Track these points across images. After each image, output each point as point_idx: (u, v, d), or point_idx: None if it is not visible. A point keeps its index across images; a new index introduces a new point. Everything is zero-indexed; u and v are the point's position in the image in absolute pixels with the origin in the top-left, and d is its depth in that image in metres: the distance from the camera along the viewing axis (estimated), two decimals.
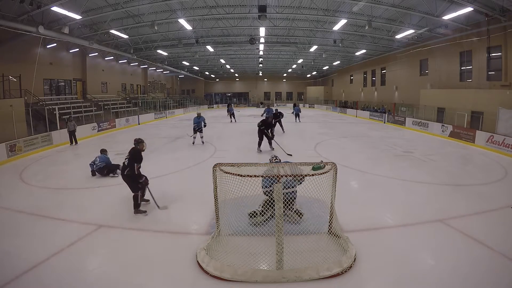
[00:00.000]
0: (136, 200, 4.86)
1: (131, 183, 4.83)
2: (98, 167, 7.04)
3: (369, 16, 13.73)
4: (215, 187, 3.61)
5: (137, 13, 13.91)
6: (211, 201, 3.86)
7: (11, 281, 3.09)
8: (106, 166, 7.10)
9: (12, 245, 3.89)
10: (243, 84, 45.65)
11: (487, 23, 12.36)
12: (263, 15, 12.97)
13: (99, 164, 7.05)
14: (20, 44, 13.77)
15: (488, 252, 3.62)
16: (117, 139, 13.28)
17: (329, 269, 3.17)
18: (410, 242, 3.91)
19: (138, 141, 5.04)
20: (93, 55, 20.92)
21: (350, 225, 4.28)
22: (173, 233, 4.24)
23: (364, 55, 23.74)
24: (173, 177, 7.16)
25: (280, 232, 3.17)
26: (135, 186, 4.83)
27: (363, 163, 8.31)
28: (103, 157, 7.24)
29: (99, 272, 3.33)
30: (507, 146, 9.67)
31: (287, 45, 20.88)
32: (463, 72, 15.40)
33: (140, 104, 24.05)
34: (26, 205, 5.27)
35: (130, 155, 4.81)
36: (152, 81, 32.71)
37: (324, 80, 41.74)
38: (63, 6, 10.87)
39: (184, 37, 18.44)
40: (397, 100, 21.84)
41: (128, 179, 4.82)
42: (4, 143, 9.00)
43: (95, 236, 4.13)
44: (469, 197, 5.64)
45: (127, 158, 4.82)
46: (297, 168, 3.83)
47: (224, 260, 3.32)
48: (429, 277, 3.16)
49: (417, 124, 16.05)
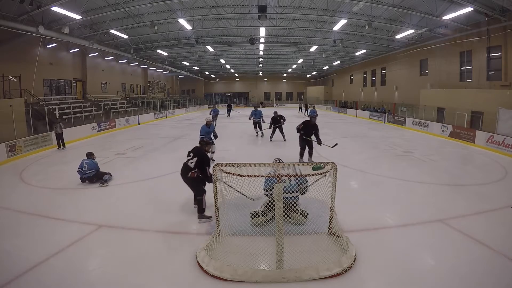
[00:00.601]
0: (201, 204, 4.49)
1: (197, 186, 4.52)
2: (87, 176, 6.43)
3: (369, 16, 13.74)
4: (215, 187, 3.61)
5: (137, 13, 13.91)
6: (211, 201, 3.86)
7: (11, 281, 3.09)
8: (96, 174, 6.50)
9: (12, 245, 3.89)
10: (243, 84, 45.67)
11: (487, 23, 12.36)
12: (263, 15, 12.98)
13: (88, 173, 6.43)
14: (20, 44, 13.77)
15: (488, 252, 3.62)
16: (117, 139, 13.28)
17: (329, 269, 3.17)
18: (410, 242, 3.91)
19: (206, 142, 4.97)
20: (93, 55, 20.92)
21: (350, 225, 4.28)
22: (173, 233, 4.23)
23: (364, 55, 23.75)
24: (173, 177, 7.12)
25: (280, 232, 3.17)
26: (200, 189, 4.52)
27: (363, 163, 8.30)
28: (92, 163, 6.57)
29: (99, 272, 3.33)
30: (507, 146, 9.67)
31: (287, 45, 20.89)
32: (463, 72, 15.40)
33: (140, 104, 24.05)
34: (26, 205, 5.26)
35: (199, 158, 4.48)
36: (152, 81, 32.71)
37: (324, 80, 41.74)
38: (63, 6, 10.88)
39: (184, 37, 18.44)
40: (397, 100, 21.84)
41: (194, 182, 4.50)
42: (4, 143, 9.00)
43: (95, 236, 4.13)
44: (469, 197, 5.64)
45: (195, 161, 4.47)
46: (299, 169, 3.85)
47: (224, 260, 3.31)
48: (429, 277, 3.16)
49: (417, 124, 16.05)
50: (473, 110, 13.17)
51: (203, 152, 4.65)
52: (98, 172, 6.57)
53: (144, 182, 6.74)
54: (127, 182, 6.66)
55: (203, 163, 4.45)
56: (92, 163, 6.59)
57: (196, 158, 4.50)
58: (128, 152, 10.10)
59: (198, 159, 4.48)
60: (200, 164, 4.45)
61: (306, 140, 7.68)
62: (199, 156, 4.52)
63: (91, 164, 6.54)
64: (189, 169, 4.49)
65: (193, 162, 4.49)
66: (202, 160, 4.48)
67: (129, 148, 10.78)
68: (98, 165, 6.72)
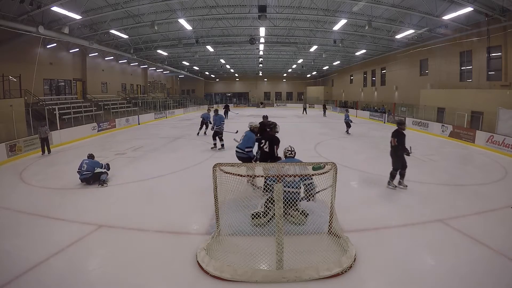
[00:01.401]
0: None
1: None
2: (84, 177, 6.35)
3: (369, 16, 13.74)
4: (215, 187, 3.61)
5: (137, 13, 13.91)
6: (211, 201, 3.86)
7: (11, 281, 3.09)
8: (92, 175, 6.39)
9: (12, 245, 3.89)
10: (243, 84, 45.67)
11: (487, 23, 12.36)
12: (263, 15, 12.98)
13: (85, 174, 6.34)
14: (20, 44, 13.78)
15: (488, 252, 3.62)
16: (117, 139, 13.28)
17: (329, 269, 3.17)
18: (410, 242, 3.91)
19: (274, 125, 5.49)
20: (93, 55, 20.92)
21: (350, 225, 4.28)
22: (173, 233, 4.23)
23: (364, 55, 23.75)
24: (173, 177, 7.16)
25: (280, 232, 3.17)
26: None
27: (363, 163, 8.30)
28: (91, 163, 6.46)
29: (99, 272, 3.33)
30: (507, 146, 9.67)
31: (287, 45, 20.89)
32: (463, 72, 15.40)
33: (140, 104, 24.05)
34: (26, 205, 5.27)
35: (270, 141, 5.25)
36: (152, 81, 32.72)
37: (324, 80, 41.75)
38: (63, 6, 10.88)
39: (184, 37, 18.45)
40: (397, 100, 21.85)
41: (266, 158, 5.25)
42: (4, 143, 9.00)
43: (95, 236, 4.13)
44: (469, 197, 5.64)
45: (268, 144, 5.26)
46: (303, 168, 3.87)
47: (224, 260, 3.31)
48: (429, 277, 3.16)
49: (417, 124, 16.05)
50: (473, 110, 13.17)
51: (271, 135, 5.34)
52: (94, 173, 6.43)
53: (144, 182, 6.74)
54: (127, 182, 6.66)
55: (273, 144, 5.20)
56: (92, 162, 6.50)
57: (267, 141, 5.26)
58: (128, 152, 10.10)
59: (269, 142, 5.22)
60: (271, 146, 5.19)
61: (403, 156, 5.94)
62: (269, 139, 5.27)
63: (90, 164, 6.44)
64: (266, 154, 5.27)
65: (267, 146, 5.25)
66: (272, 141, 5.24)
67: (129, 148, 10.79)
68: (98, 163, 6.60)
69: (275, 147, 5.28)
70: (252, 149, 5.91)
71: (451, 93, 15.33)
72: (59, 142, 11.59)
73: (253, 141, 5.90)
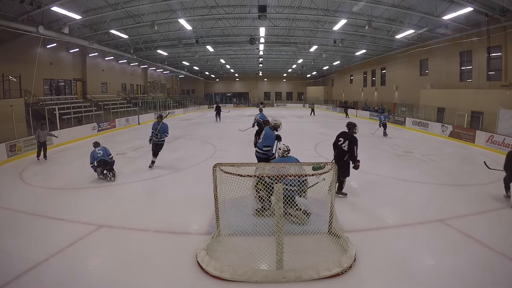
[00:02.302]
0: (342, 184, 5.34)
1: (344, 169, 5.14)
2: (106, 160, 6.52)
3: (369, 16, 13.74)
4: (215, 187, 3.60)
5: (137, 13, 13.92)
6: (211, 201, 3.86)
7: (11, 281, 3.09)
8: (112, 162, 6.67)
9: (12, 245, 3.89)
10: (243, 84, 45.67)
11: (487, 23, 12.35)
12: (263, 15, 12.97)
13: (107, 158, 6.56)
14: (20, 44, 13.78)
15: (488, 252, 3.62)
16: (117, 139, 13.27)
17: (329, 269, 3.17)
18: (410, 242, 3.91)
19: (354, 125, 5.38)
20: (93, 55, 20.92)
21: (350, 225, 4.29)
22: (173, 233, 4.23)
23: (364, 55, 23.74)
24: (173, 177, 7.16)
25: (280, 232, 3.17)
26: (346, 172, 5.22)
27: (363, 163, 8.17)
28: (104, 149, 6.72)
29: (99, 272, 3.33)
30: (507, 146, 9.67)
31: (287, 45, 20.89)
32: (463, 72, 15.40)
33: (140, 104, 24.06)
34: (26, 205, 5.26)
35: (349, 141, 5.11)
36: (152, 81, 32.72)
37: (324, 80, 41.73)
38: (63, 6, 10.88)
39: (184, 37, 18.45)
40: (397, 100, 21.85)
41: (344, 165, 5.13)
42: (4, 143, 8.99)
43: (95, 236, 4.13)
44: (469, 197, 5.64)
45: (347, 144, 5.12)
46: (301, 168, 3.86)
47: (224, 260, 3.32)
48: (429, 277, 3.16)
49: (417, 124, 16.06)
50: (473, 110, 13.17)
51: (351, 134, 5.23)
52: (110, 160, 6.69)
53: (144, 182, 6.75)
54: (127, 182, 6.66)
55: (352, 144, 5.07)
56: (105, 149, 6.77)
57: (347, 141, 5.13)
58: (128, 152, 10.09)
59: (349, 142, 5.10)
60: (350, 146, 5.06)
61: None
62: (349, 138, 5.15)
63: (105, 151, 6.71)
64: (344, 153, 5.17)
65: (345, 145, 5.13)
66: (351, 142, 5.10)
67: (129, 148, 10.78)
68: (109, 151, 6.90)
69: (355, 147, 5.10)
70: (271, 147, 5.58)
71: (451, 93, 15.34)
72: (58, 142, 11.56)
73: (272, 139, 5.55)
